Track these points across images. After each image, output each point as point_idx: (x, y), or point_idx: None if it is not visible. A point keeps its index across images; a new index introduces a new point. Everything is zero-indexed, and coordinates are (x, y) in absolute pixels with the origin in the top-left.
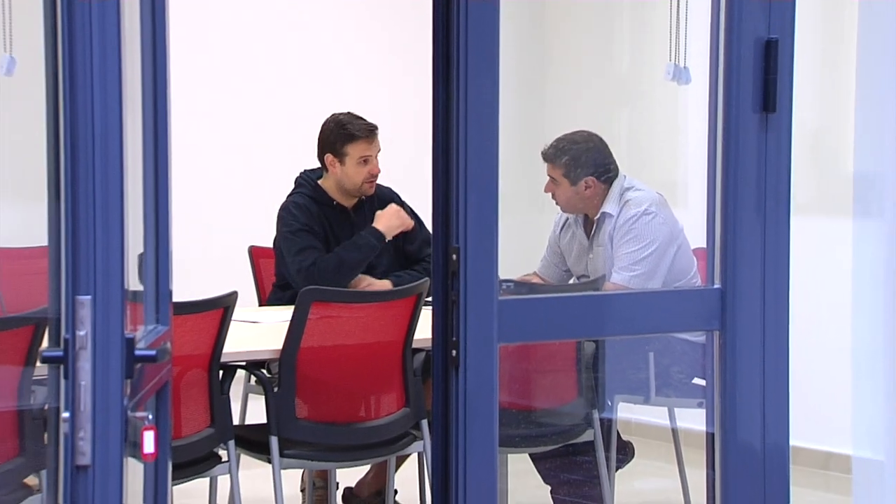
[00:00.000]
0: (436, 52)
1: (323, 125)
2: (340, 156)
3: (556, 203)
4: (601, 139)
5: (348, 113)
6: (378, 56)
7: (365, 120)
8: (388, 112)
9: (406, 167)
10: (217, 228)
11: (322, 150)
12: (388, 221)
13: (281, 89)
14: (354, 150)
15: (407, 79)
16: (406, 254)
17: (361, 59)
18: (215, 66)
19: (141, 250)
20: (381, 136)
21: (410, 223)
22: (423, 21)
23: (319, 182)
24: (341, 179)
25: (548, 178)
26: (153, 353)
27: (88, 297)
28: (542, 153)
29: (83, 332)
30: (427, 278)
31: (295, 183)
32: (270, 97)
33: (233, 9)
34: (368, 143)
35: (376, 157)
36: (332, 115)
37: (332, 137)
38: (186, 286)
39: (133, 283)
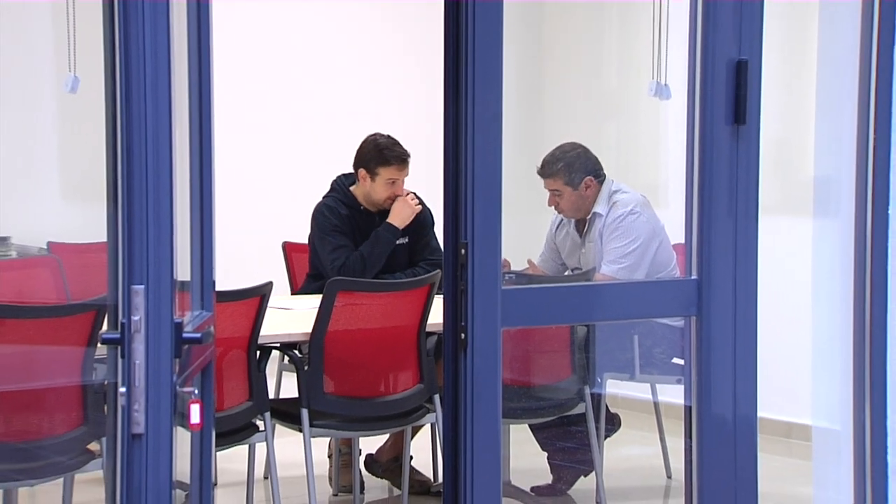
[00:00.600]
0: (447, 73)
1: (363, 142)
2: (372, 174)
3: (561, 213)
4: (585, 147)
5: (388, 137)
6: (399, 76)
7: (402, 147)
8: (406, 124)
9: (421, 172)
10: (254, 226)
11: (357, 164)
12: (399, 214)
13: (313, 102)
14: (385, 173)
15: (423, 97)
16: (415, 250)
17: (386, 79)
18: (256, 81)
19: (188, 245)
20: (404, 140)
21: (419, 208)
22: (438, 44)
23: (351, 188)
24: (368, 192)
25: (548, 192)
26: (199, 335)
27: (142, 286)
28: (538, 171)
29: (137, 317)
30: (438, 271)
31: (330, 186)
32: (304, 109)
33: (272, 25)
34: (399, 169)
35: (403, 180)
36: (374, 135)
37: (368, 157)
38: (227, 277)
39: (181, 273)
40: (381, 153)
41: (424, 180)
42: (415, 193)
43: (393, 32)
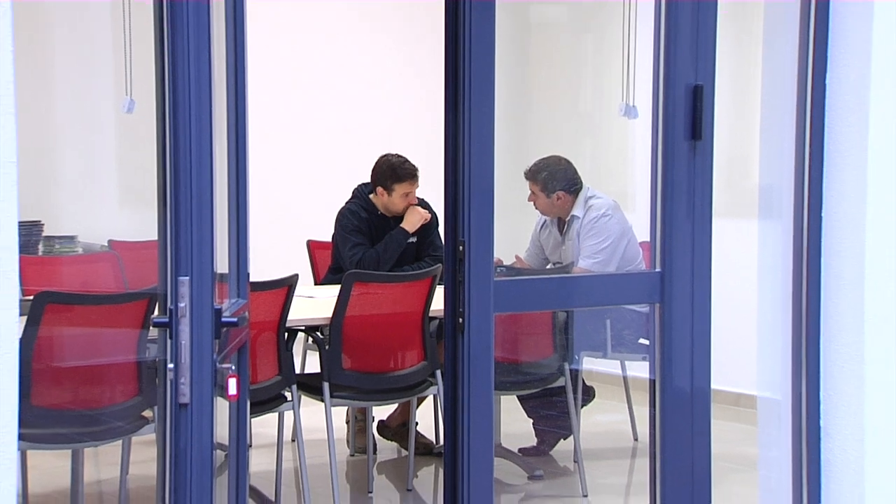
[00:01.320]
0: (447, 96)
1: (378, 163)
2: (389, 190)
3: (537, 209)
4: (568, 161)
5: (397, 155)
6: (410, 98)
7: (411, 164)
8: (414, 138)
9: (426, 179)
10: (283, 226)
11: (375, 183)
12: (410, 220)
13: (333, 119)
14: (400, 188)
15: (429, 116)
16: (421, 248)
17: (399, 101)
18: (285, 98)
19: (226, 241)
20: (409, 152)
21: (428, 216)
22: (440, 67)
23: (370, 196)
24: (387, 204)
25: (531, 191)
26: (235, 320)
27: (187, 277)
28: (525, 173)
29: (183, 304)
30: (440, 265)
31: (352, 193)
32: (325, 125)
33: (296, 45)
34: (411, 183)
35: (415, 191)
36: (386, 155)
37: (384, 176)
38: (260, 269)
39: (220, 266)
40: (394, 172)
41: (429, 186)
42: (424, 200)
43: (405, 65)
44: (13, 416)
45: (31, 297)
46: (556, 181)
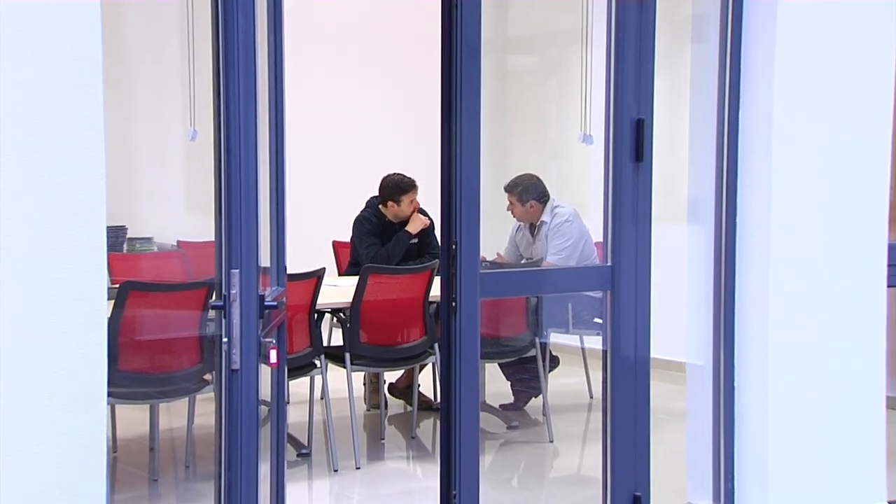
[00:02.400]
0: (443, 127)
1: (383, 182)
2: (397, 201)
3: (514, 216)
4: (539, 177)
5: (397, 174)
6: (415, 127)
7: (409, 177)
8: (417, 159)
9: (425, 192)
10: (313, 229)
11: (385, 198)
12: (413, 226)
13: (355, 146)
14: (406, 197)
15: (428, 140)
16: (422, 247)
17: (407, 130)
18: (315, 128)
19: (268, 241)
20: (413, 171)
21: (427, 222)
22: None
23: (380, 207)
24: (397, 213)
25: (508, 202)
26: (275, 304)
27: (237, 270)
28: (504, 187)
29: (234, 291)
30: (437, 260)
31: (365, 204)
32: (347, 151)
33: (322, 70)
34: (413, 192)
35: (416, 197)
36: (389, 175)
37: (392, 191)
38: (295, 263)
39: (264, 261)
40: (399, 186)
41: (428, 198)
42: (423, 209)
43: (415, 102)
44: (103, 379)
45: (118, 286)
46: (529, 193)
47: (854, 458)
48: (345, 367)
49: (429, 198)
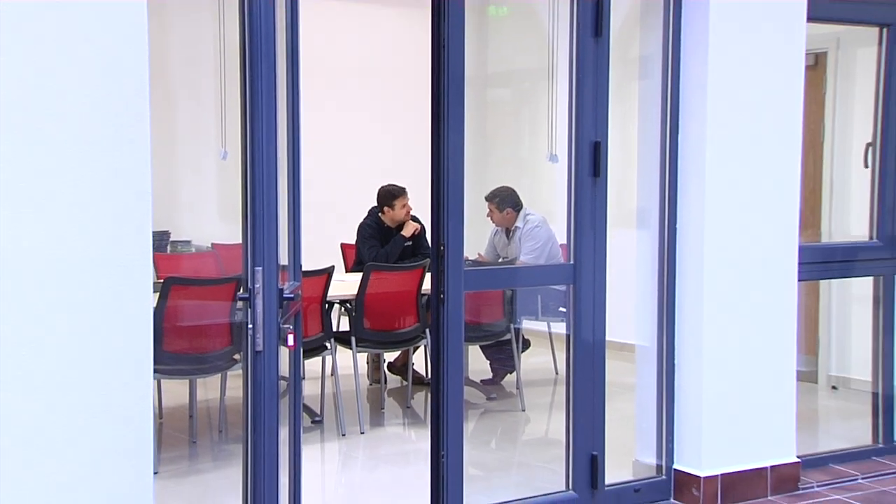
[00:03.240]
0: (433, 147)
1: (378, 193)
2: (391, 205)
3: (493, 222)
4: (514, 189)
5: (388, 184)
6: (410, 144)
7: (398, 185)
8: (411, 173)
9: (418, 203)
10: (324, 233)
11: (381, 205)
12: (407, 230)
13: (360, 163)
14: (398, 201)
15: (421, 156)
16: (415, 248)
17: (403, 146)
18: (324, 144)
19: (286, 242)
20: (407, 184)
21: (419, 227)
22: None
23: (380, 215)
24: (393, 217)
25: (488, 210)
26: (292, 296)
27: (260, 268)
28: (485, 197)
29: (258, 285)
30: (428, 259)
31: (367, 212)
32: (353, 169)
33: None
34: (403, 197)
35: (408, 201)
36: (382, 186)
37: (385, 199)
38: (309, 261)
39: (282, 259)
40: (390, 193)
41: (421, 207)
42: (416, 216)
43: (411, 125)
44: (149, 358)
45: (162, 281)
46: (505, 203)
47: (770, 421)
48: (351, 349)
49: (420, 206)
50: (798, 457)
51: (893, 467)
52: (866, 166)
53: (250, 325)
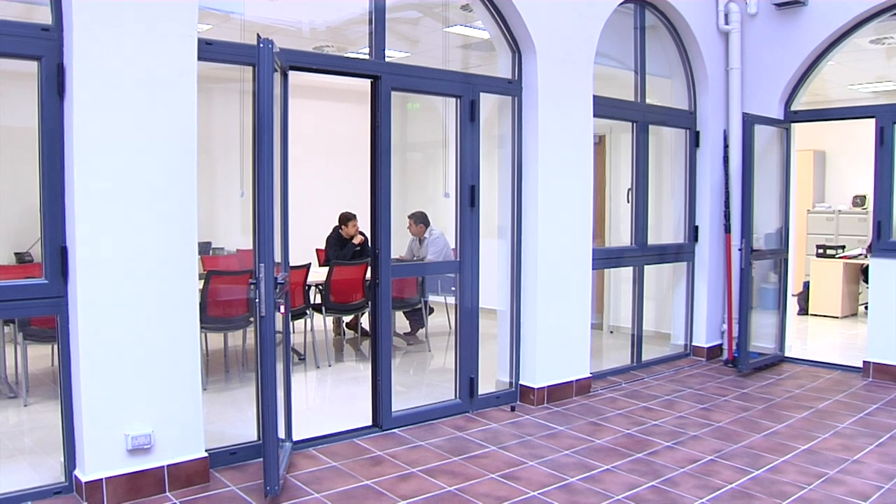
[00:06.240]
0: (372, 180)
1: (339, 216)
2: (347, 225)
3: (411, 234)
4: (424, 212)
5: (345, 211)
6: (357, 183)
7: (351, 212)
8: (359, 196)
9: (362, 220)
10: (304, 241)
11: (340, 224)
12: (356, 240)
13: (330, 188)
14: (351, 223)
15: (365, 192)
16: (362, 252)
17: (354, 184)
18: (303, 186)
19: (279, 246)
20: (356, 209)
21: (363, 238)
22: (368, 171)
23: (340, 230)
24: (347, 232)
25: (408, 225)
26: (283, 282)
27: (263, 263)
28: (408, 216)
29: (262, 275)
30: (369, 258)
31: (333, 228)
32: (326, 193)
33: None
34: (355, 219)
35: (357, 223)
36: (341, 213)
37: (343, 220)
38: (295, 259)
39: (277, 258)
40: (347, 216)
41: (364, 224)
42: (362, 231)
43: (355, 172)
44: (196, 320)
45: (206, 272)
46: (419, 220)
47: (575, 353)
48: (322, 314)
49: (364, 224)
50: (590, 373)
51: (641, 376)
52: (628, 202)
53: (257, 300)
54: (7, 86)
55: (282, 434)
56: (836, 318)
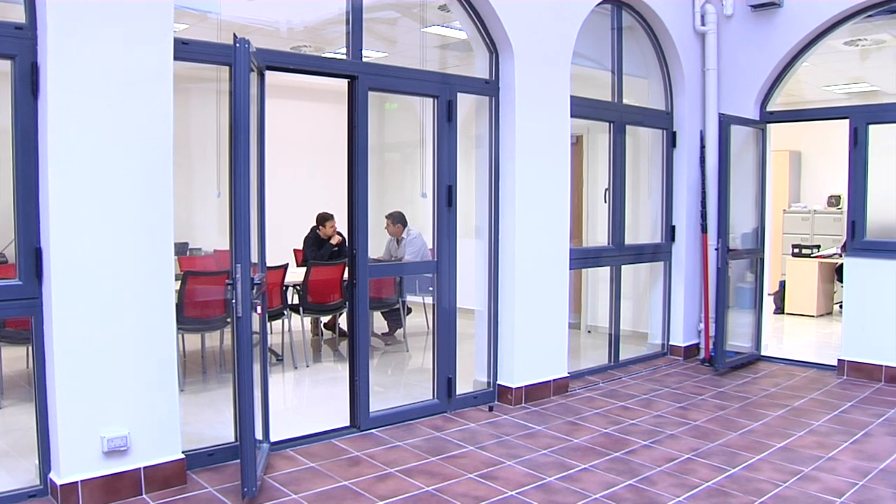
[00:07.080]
0: (349, 181)
1: (317, 217)
2: (325, 225)
3: (389, 234)
4: (402, 212)
5: (323, 211)
6: (335, 183)
7: (328, 213)
8: (338, 197)
9: (340, 220)
10: (282, 242)
11: (318, 224)
12: (334, 240)
13: (310, 190)
14: (328, 223)
15: (343, 192)
16: (340, 252)
17: (335, 175)
18: (281, 186)
19: (256, 247)
20: (334, 210)
21: (341, 238)
22: (345, 171)
23: (317, 231)
24: (325, 232)
25: (386, 225)
26: (261, 282)
27: (240, 265)
28: (385, 216)
29: (238, 276)
30: (346, 258)
31: (310, 229)
32: (305, 195)
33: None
34: (332, 220)
35: (335, 222)
36: (318, 213)
37: (321, 221)
38: (272, 259)
39: (254, 258)
40: (324, 217)
41: (342, 224)
42: (340, 231)
43: (334, 173)
44: (173, 321)
45: (183, 273)
46: (397, 220)
47: (552, 353)
48: (300, 314)
49: (342, 224)
50: (568, 373)
51: (618, 375)
52: (605, 202)
53: (234, 301)
54: None
55: (259, 435)
56: (812, 316)
